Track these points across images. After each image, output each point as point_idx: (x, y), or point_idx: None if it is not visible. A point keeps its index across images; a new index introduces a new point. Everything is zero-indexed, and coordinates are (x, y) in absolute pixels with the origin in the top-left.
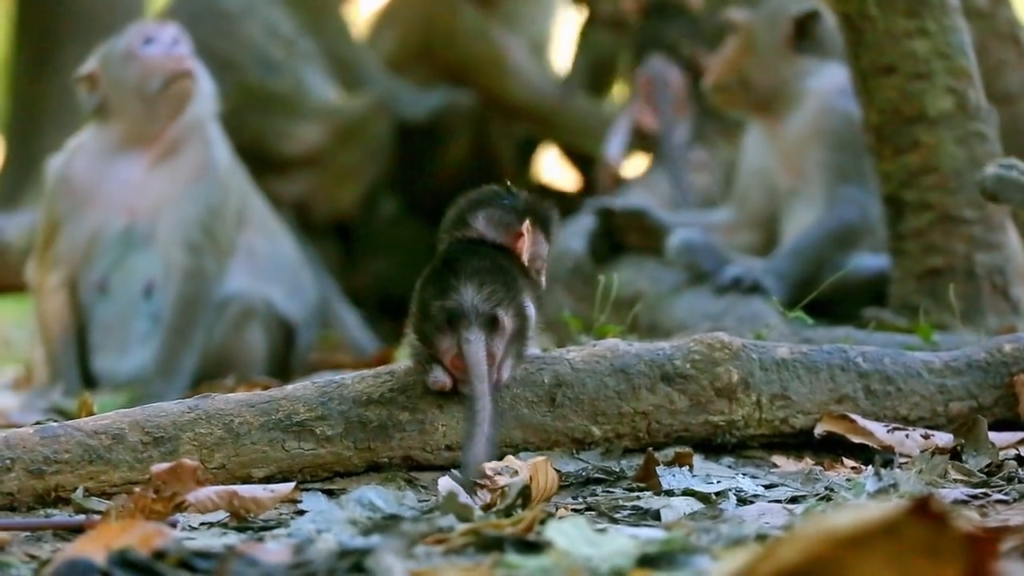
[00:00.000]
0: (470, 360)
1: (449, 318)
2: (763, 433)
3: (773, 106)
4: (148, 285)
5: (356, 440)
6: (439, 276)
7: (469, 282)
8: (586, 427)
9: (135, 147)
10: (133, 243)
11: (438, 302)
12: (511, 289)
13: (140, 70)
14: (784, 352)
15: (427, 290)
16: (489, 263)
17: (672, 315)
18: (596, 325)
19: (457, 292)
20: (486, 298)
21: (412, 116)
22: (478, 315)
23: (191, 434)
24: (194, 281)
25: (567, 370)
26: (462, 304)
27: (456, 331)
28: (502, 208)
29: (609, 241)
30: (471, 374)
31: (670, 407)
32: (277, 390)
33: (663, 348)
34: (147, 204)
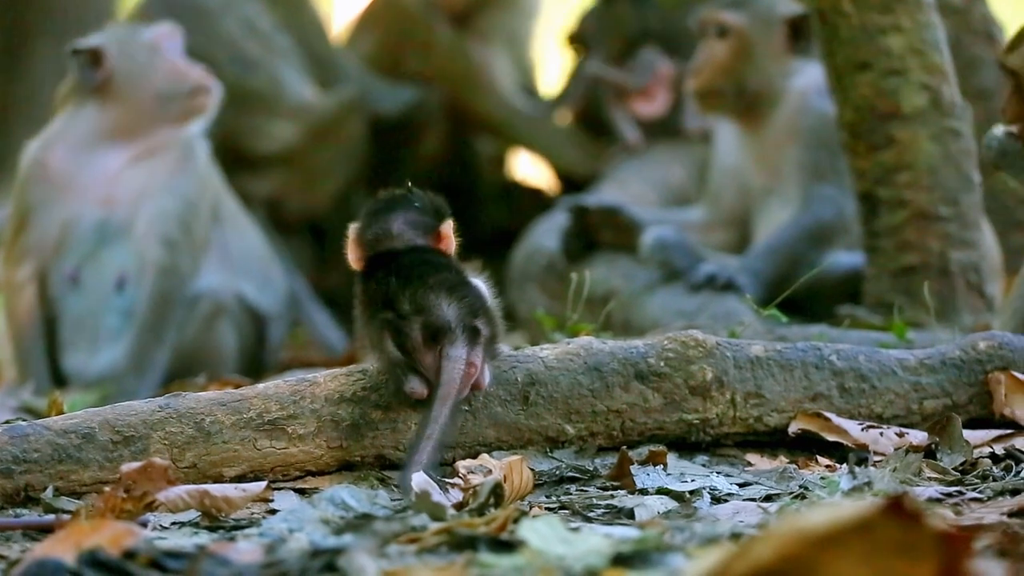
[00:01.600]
0: (448, 376)
1: (434, 335)
2: (737, 431)
3: (754, 107)
4: (120, 279)
5: (328, 439)
6: (407, 288)
7: (447, 296)
8: (560, 426)
9: (120, 138)
10: (107, 235)
11: (419, 318)
12: (480, 296)
13: (168, 70)
14: (758, 350)
15: (399, 304)
16: (451, 273)
17: (646, 313)
18: (569, 323)
19: (439, 308)
20: (466, 310)
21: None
22: (462, 329)
23: (162, 433)
24: (168, 277)
25: (540, 368)
26: (447, 320)
27: (439, 345)
28: (418, 211)
29: (583, 239)
30: (443, 388)
31: (644, 405)
32: (249, 389)
33: (637, 346)
34: (125, 196)
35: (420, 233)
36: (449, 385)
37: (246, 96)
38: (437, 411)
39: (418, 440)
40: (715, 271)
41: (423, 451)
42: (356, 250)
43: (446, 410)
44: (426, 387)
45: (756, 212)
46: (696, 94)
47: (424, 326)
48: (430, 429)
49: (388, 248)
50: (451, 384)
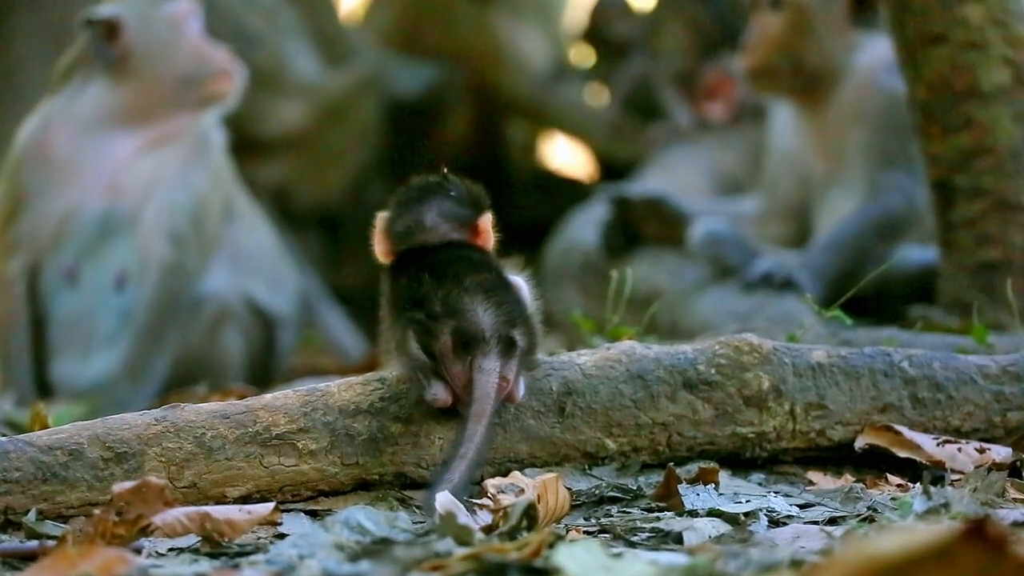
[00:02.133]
0: (482, 391)
1: (465, 343)
2: (797, 446)
3: (815, 86)
4: (120, 276)
5: (343, 455)
6: (440, 287)
7: (484, 301)
8: (599, 440)
9: (131, 122)
10: (110, 228)
11: (451, 321)
12: (519, 303)
13: (191, 50)
14: (821, 356)
15: (428, 304)
16: (490, 274)
17: (695, 315)
18: (609, 326)
19: (474, 314)
20: (503, 319)
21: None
22: (497, 340)
23: (158, 449)
24: (173, 276)
25: (578, 376)
26: (481, 328)
27: (470, 355)
28: (454, 201)
29: (625, 232)
30: (477, 404)
31: (693, 417)
32: (254, 399)
33: (685, 352)
34: (132, 186)
35: (456, 226)
36: (483, 401)
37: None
38: (472, 429)
39: (451, 458)
40: (772, 268)
41: (455, 470)
42: (384, 243)
43: (481, 428)
44: (450, 395)
45: (817, 202)
46: (749, 73)
47: (455, 332)
48: (465, 447)
49: (420, 242)
50: (486, 400)
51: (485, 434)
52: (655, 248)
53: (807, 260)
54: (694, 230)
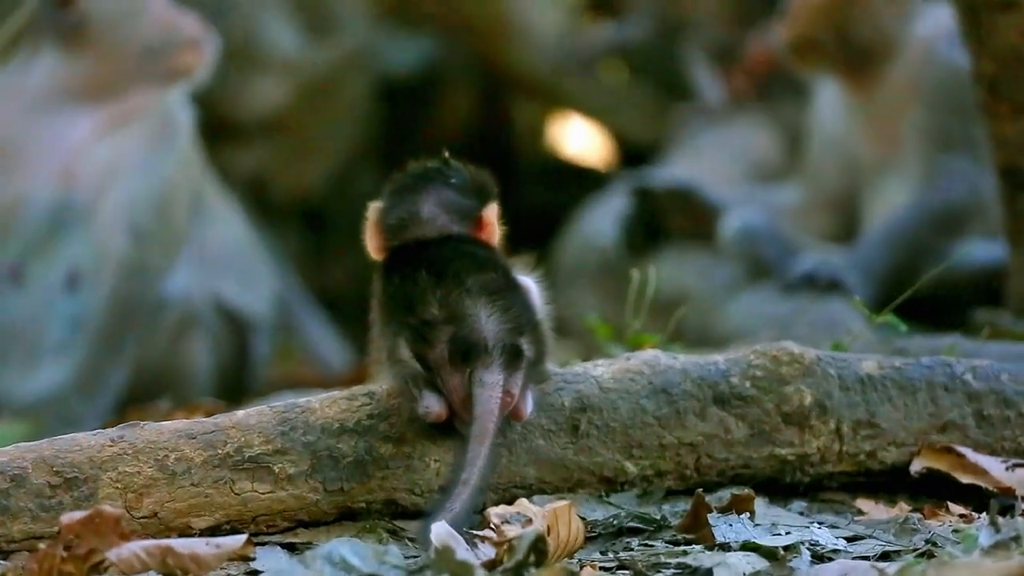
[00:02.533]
0: (483, 408)
1: (464, 353)
2: (844, 470)
3: (865, 60)
4: (72, 276)
5: (325, 480)
6: (438, 287)
7: (487, 305)
8: (618, 463)
9: (87, 99)
10: (62, 221)
11: (449, 327)
12: (527, 307)
13: (157, 17)
14: (871, 367)
15: (423, 307)
16: (496, 274)
17: (727, 320)
18: (630, 333)
19: (476, 319)
20: (509, 325)
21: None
22: (501, 350)
23: (113, 474)
24: (133, 276)
25: (593, 390)
26: (483, 336)
27: (469, 367)
28: (455, 190)
29: (647, 227)
30: (479, 423)
31: (725, 437)
32: (225, 416)
33: (716, 362)
34: (88, 172)
35: (456, 218)
36: (485, 419)
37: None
38: (473, 452)
39: (450, 485)
40: (815, 267)
41: (455, 498)
42: (376, 236)
43: (484, 450)
44: (445, 408)
45: (866, 192)
46: (790, 46)
47: (454, 340)
48: (466, 472)
49: (416, 236)
50: (488, 418)
51: (488, 457)
52: (682, 244)
53: (855, 257)
54: (726, 224)
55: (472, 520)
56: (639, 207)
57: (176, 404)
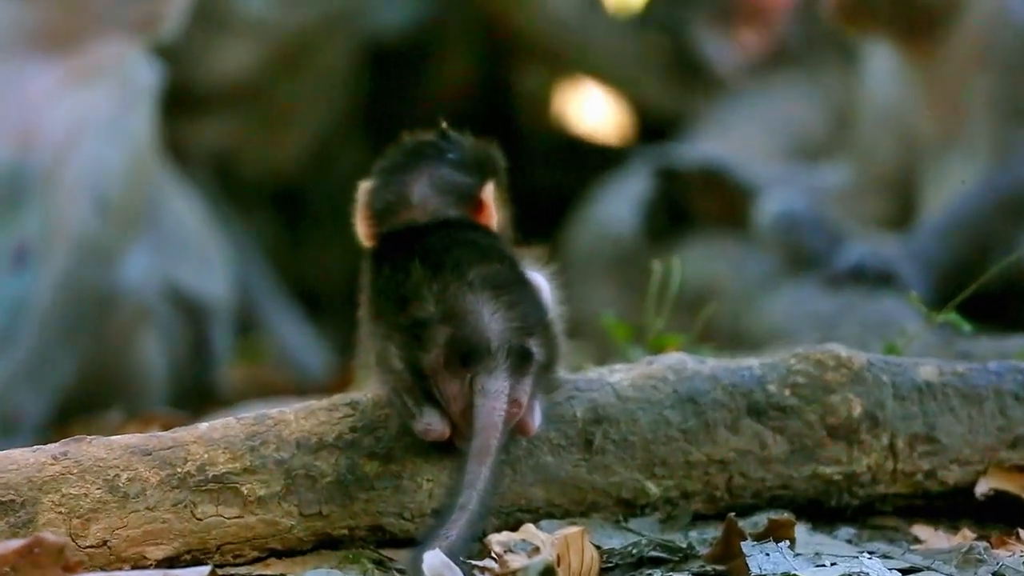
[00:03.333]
0: (486, 420)
1: (465, 357)
2: (899, 492)
3: (925, 21)
4: (19, 251)
5: (301, 503)
6: (435, 280)
7: (491, 300)
8: (638, 482)
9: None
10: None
11: (446, 328)
12: (537, 304)
13: None
14: (930, 373)
15: (417, 303)
16: (501, 264)
17: (763, 318)
18: (652, 333)
19: (478, 317)
20: (516, 324)
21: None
22: (507, 353)
23: (56, 496)
24: (91, 254)
25: (610, 399)
26: (486, 337)
27: (470, 372)
28: (451, 166)
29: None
30: (480, 438)
31: (761, 453)
32: (185, 430)
33: (750, 367)
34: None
35: (452, 200)
36: (487, 433)
37: None
38: (473, 471)
39: (447, 509)
40: (865, 257)
41: (452, 524)
42: (365, 222)
43: (485, 470)
44: (447, 424)
45: (926, 171)
46: (838, 6)
47: (452, 341)
48: (465, 495)
49: (407, 221)
50: (491, 431)
51: (490, 478)
52: (711, 232)
53: (912, 246)
54: (762, 208)
55: (471, 549)
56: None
57: (128, 415)
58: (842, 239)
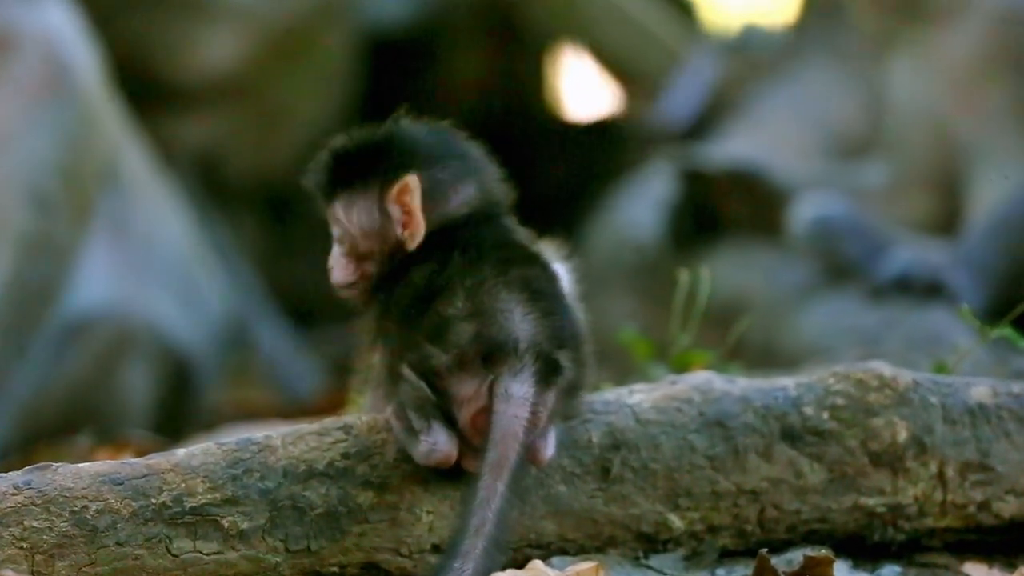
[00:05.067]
0: (505, 428)
1: (488, 355)
2: (949, 526)
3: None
4: None
5: (288, 537)
6: (471, 276)
7: (526, 304)
8: (660, 515)
9: None
10: None
11: (472, 325)
12: (575, 322)
13: None
14: (983, 394)
15: (446, 299)
16: (543, 272)
17: (799, 333)
18: (676, 349)
19: (508, 317)
20: (548, 333)
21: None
22: (535, 358)
23: (17, 530)
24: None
25: (629, 422)
26: (516, 338)
27: (493, 373)
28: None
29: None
30: (497, 449)
31: (796, 483)
32: (161, 456)
33: (785, 388)
34: None
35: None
36: (506, 443)
37: None
38: (488, 486)
39: (460, 536)
40: (911, 266)
41: (468, 555)
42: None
43: (502, 485)
44: (455, 446)
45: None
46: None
47: (475, 338)
48: (478, 517)
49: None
50: (510, 442)
51: (507, 495)
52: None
53: (962, 253)
54: (797, 212)
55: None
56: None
57: (99, 440)
58: (885, 246)
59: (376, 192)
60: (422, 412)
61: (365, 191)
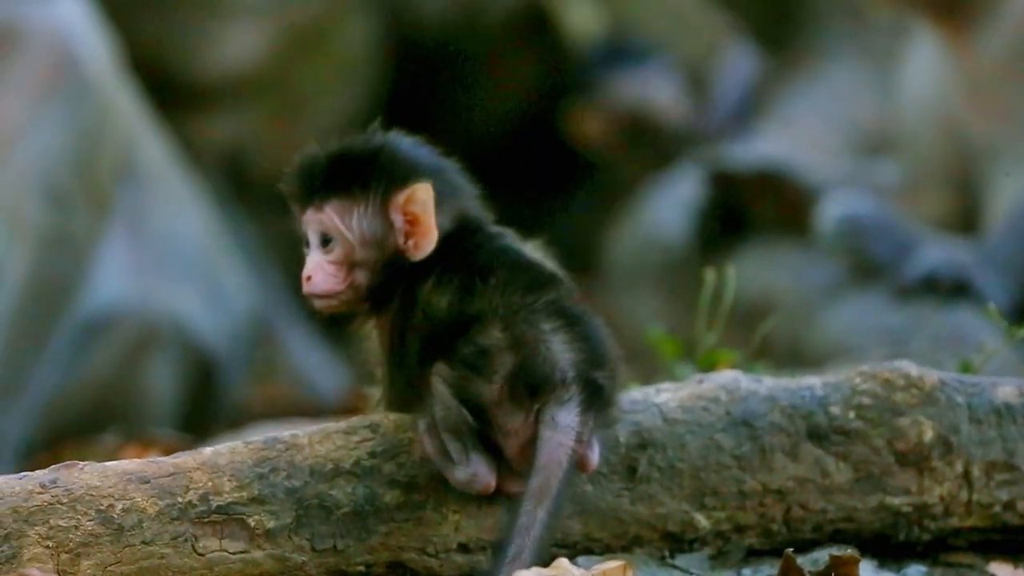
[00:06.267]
0: (550, 456)
1: (534, 387)
2: (975, 525)
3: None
4: None
5: (314, 536)
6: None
7: (562, 331)
8: (686, 514)
9: None
10: None
11: (513, 357)
12: (605, 337)
13: None
14: (1010, 393)
15: (481, 328)
16: (566, 292)
17: (825, 333)
18: (702, 348)
19: (548, 347)
20: (586, 356)
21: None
22: (581, 385)
23: (43, 528)
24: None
25: (656, 422)
26: (561, 368)
27: (539, 403)
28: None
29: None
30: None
31: (822, 482)
32: (187, 455)
33: (811, 387)
34: None
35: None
36: (549, 471)
37: None
38: (528, 513)
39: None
40: (938, 265)
41: None
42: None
43: (543, 512)
44: (494, 476)
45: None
46: None
47: (520, 370)
48: (517, 545)
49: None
50: (553, 470)
51: (548, 523)
52: (768, 238)
53: (989, 252)
54: (825, 212)
55: None
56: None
57: (126, 438)
58: (912, 245)
59: (379, 199)
60: (459, 438)
61: (365, 197)
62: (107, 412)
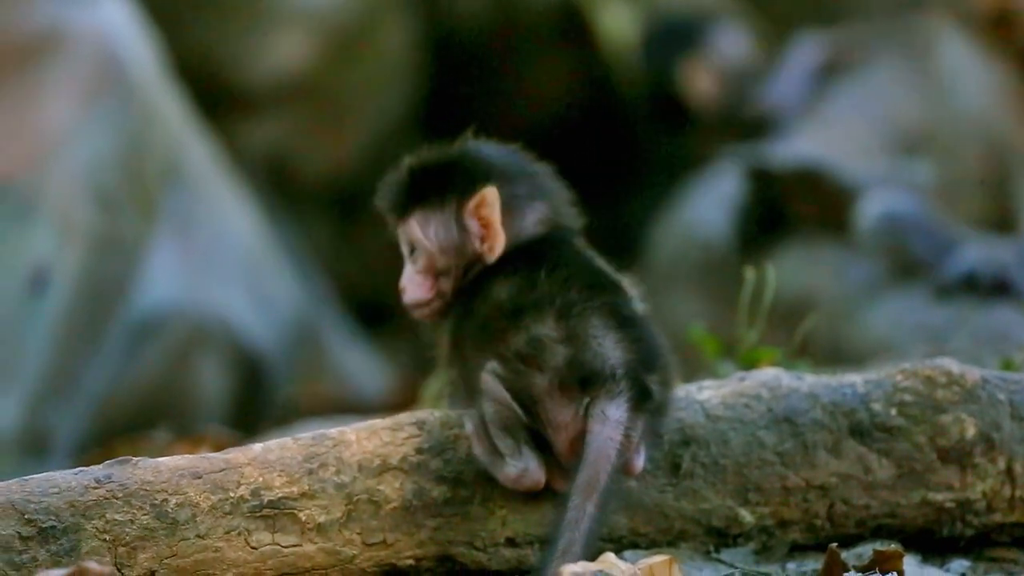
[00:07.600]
0: (599, 450)
1: (585, 380)
2: (1018, 521)
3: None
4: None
5: (364, 530)
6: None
7: (616, 331)
8: (730, 510)
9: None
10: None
11: (566, 349)
12: (662, 346)
13: None
14: None
15: (536, 318)
16: (627, 299)
17: (866, 330)
18: (744, 346)
19: (601, 343)
20: (639, 359)
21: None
22: (630, 383)
23: (100, 522)
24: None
25: (699, 419)
26: (611, 364)
27: (589, 396)
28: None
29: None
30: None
31: (865, 478)
32: (238, 451)
33: (853, 384)
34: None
35: None
36: (599, 464)
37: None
38: (577, 506)
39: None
40: (978, 264)
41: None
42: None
43: (591, 506)
44: (544, 472)
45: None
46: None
47: (571, 363)
48: (566, 539)
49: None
50: (602, 462)
51: (596, 516)
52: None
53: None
54: (864, 210)
55: None
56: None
57: (177, 435)
58: (952, 243)
59: (453, 206)
60: (510, 434)
61: (442, 206)
62: (157, 410)
